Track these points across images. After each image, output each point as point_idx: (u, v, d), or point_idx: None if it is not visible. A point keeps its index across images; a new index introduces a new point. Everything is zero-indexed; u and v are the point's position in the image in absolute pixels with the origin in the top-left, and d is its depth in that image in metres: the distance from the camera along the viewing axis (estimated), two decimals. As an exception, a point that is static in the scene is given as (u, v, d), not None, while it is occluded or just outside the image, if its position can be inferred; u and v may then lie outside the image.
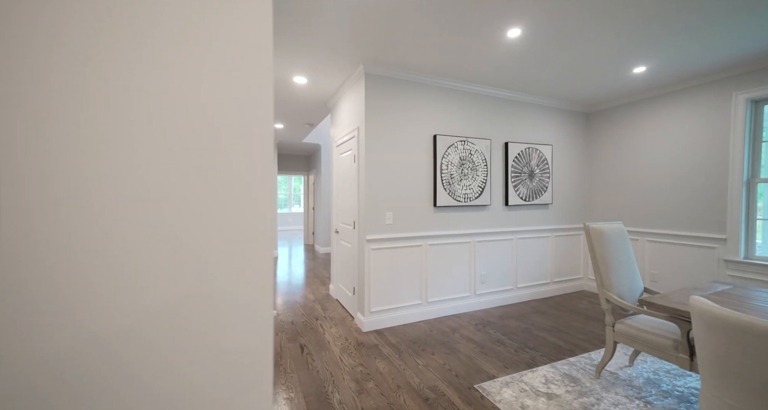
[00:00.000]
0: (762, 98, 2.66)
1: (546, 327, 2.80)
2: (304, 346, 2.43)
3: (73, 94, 0.57)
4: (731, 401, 1.18)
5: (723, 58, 2.57)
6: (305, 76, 2.99)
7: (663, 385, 1.91)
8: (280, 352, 2.33)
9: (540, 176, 3.69)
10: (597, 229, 2.08)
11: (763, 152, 2.72)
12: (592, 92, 3.44)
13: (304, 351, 2.36)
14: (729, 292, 1.77)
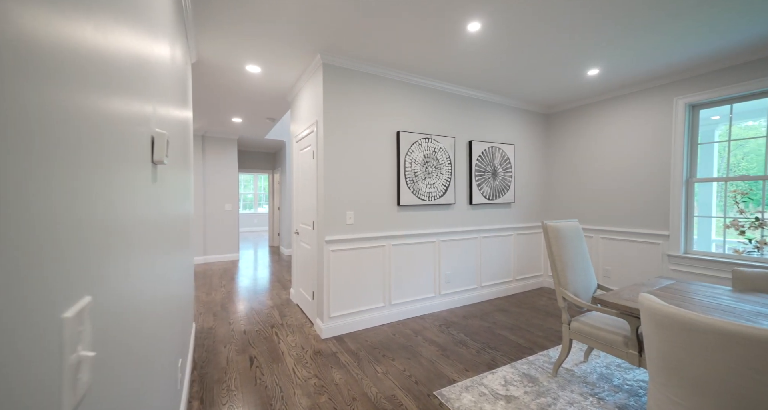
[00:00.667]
0: (699, 103, 2.85)
1: (508, 326, 2.81)
2: (255, 358, 2.23)
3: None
4: (676, 398, 1.18)
5: (665, 64, 2.72)
6: (259, 65, 2.76)
7: (614, 380, 1.94)
8: (225, 367, 2.11)
9: (503, 175, 3.73)
10: (554, 227, 2.08)
11: (699, 154, 2.92)
12: (550, 93, 3.53)
13: (253, 364, 2.15)
14: (672, 287, 1.83)
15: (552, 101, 3.81)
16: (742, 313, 1.41)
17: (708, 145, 3.00)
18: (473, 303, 3.46)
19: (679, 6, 1.91)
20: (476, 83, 3.22)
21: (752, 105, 2.74)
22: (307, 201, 3.05)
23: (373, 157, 2.85)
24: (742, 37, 2.28)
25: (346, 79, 2.69)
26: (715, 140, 2.87)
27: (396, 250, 2.97)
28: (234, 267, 5.22)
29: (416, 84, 3.07)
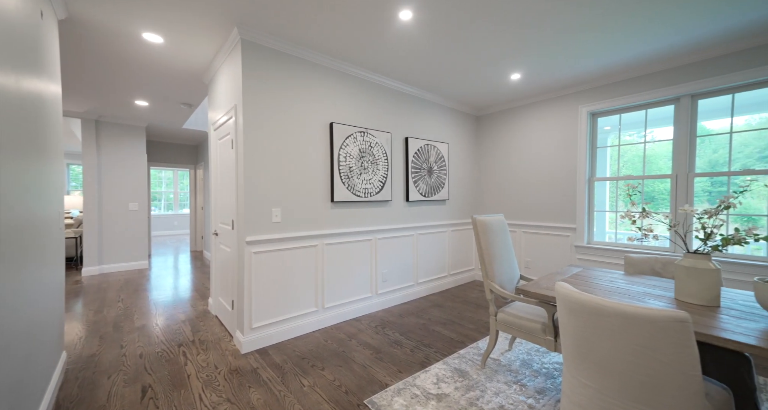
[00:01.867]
0: (597, 111, 3.26)
1: (441, 321, 2.83)
2: (149, 387, 1.82)
3: None
4: (585, 380, 1.24)
5: (572, 74, 3.04)
6: (160, 34, 2.31)
7: (534, 365, 2.06)
8: (104, 405, 1.67)
9: (438, 173, 3.80)
10: (482, 222, 2.13)
11: (598, 156, 3.34)
12: (480, 95, 3.71)
13: (146, 395, 1.76)
14: (580, 274, 2.00)
15: (481, 103, 4.02)
16: (633, 294, 1.58)
17: (603, 149, 3.46)
18: (410, 300, 3.45)
19: (582, 21, 2.11)
20: (413, 79, 3.20)
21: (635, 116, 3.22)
22: (226, 197, 2.67)
23: (304, 150, 2.62)
24: (632, 54, 2.65)
25: (273, 62, 2.41)
26: (608, 145, 3.32)
27: (330, 250, 2.78)
28: (141, 277, 4.42)
29: (352, 74, 2.92)
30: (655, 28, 2.22)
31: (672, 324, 1.02)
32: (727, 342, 1.11)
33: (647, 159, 3.05)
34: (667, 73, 2.75)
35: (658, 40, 2.39)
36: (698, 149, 2.71)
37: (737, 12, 2.03)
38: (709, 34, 2.30)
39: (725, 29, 2.23)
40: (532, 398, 1.71)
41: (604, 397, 1.17)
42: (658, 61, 2.74)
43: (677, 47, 2.49)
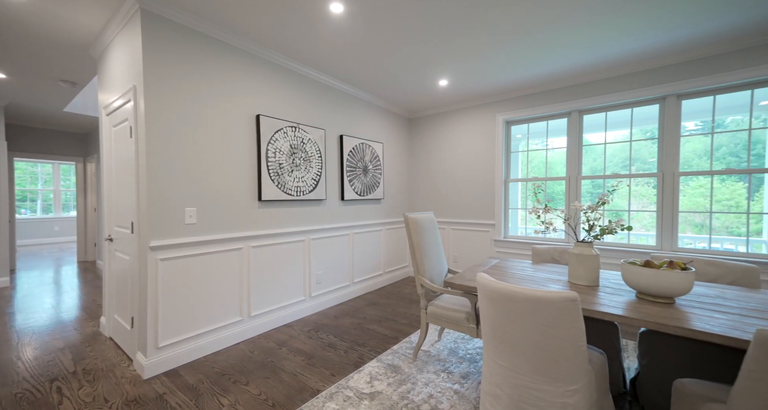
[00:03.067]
0: (511, 120, 3.68)
1: (376, 319, 2.86)
2: (5, 440, 1.41)
3: None
4: (501, 361, 1.37)
5: (490, 85, 3.38)
6: (22, -13, 1.82)
7: (460, 352, 2.21)
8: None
9: (373, 172, 3.83)
10: (414, 219, 2.20)
11: (512, 160, 3.78)
12: (412, 98, 3.86)
13: (-2, 451, 1.36)
14: (497, 265, 2.22)
15: (414, 106, 4.19)
16: (539, 280, 1.81)
17: (516, 154, 3.94)
18: (346, 300, 3.40)
19: (495, 41, 2.35)
20: (348, 77, 3.16)
21: (540, 126, 3.74)
22: (124, 196, 2.24)
23: (226, 143, 2.35)
24: (537, 72, 3.05)
25: (186, 41, 2.10)
26: (519, 150, 3.80)
27: (257, 253, 2.56)
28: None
29: (284, 66, 2.74)
30: (557, 51, 2.59)
31: (566, 304, 1.18)
32: (603, 314, 1.33)
33: (549, 164, 3.55)
34: (564, 91, 3.25)
35: (557, 62, 2.80)
36: (584, 157, 3.27)
37: (629, 40, 2.50)
38: (598, 60, 2.79)
39: (612, 57, 2.73)
40: (457, 383, 1.83)
41: (515, 375, 1.30)
42: (558, 80, 3.22)
43: (572, 70, 2.96)
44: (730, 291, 1.53)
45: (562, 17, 2.10)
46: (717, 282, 1.80)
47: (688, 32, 2.28)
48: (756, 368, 0.86)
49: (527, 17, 2.10)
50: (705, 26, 2.21)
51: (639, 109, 2.95)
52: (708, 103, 2.67)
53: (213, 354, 2.20)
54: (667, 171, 2.76)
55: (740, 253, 2.52)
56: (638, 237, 3.67)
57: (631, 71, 2.85)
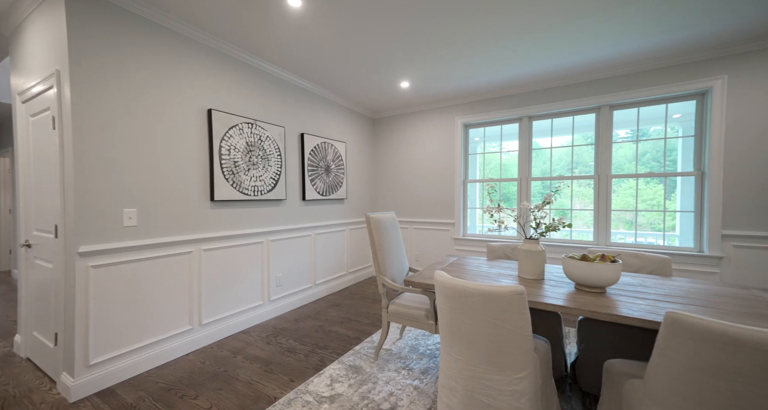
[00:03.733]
0: (469, 123, 3.86)
1: (339, 320, 2.82)
2: None
3: None
4: (456, 355, 1.42)
5: (451, 89, 3.51)
6: None
7: (420, 348, 2.27)
8: None
9: (336, 171, 3.78)
10: (375, 219, 2.21)
11: (470, 162, 3.96)
12: (375, 98, 3.87)
13: None
14: (455, 262, 2.31)
15: (377, 106, 4.21)
16: (492, 276, 1.91)
17: (474, 156, 4.13)
18: (308, 303, 3.32)
19: (451, 48, 2.45)
20: (310, 74, 3.07)
21: (495, 129, 3.97)
22: (46, 195, 1.96)
23: (172, 137, 2.17)
24: (491, 79, 3.22)
25: (123, 24, 1.90)
26: (477, 153, 4.00)
27: (210, 256, 2.40)
28: None
29: (240, 59, 2.59)
30: (509, 62, 2.76)
31: (514, 297, 1.26)
32: (546, 305, 1.45)
33: (503, 166, 3.78)
34: (516, 98, 3.48)
35: (510, 71, 2.98)
36: (535, 160, 3.53)
37: (570, 55, 2.72)
38: (544, 71, 3.01)
39: (556, 69, 2.96)
40: (417, 379, 1.88)
41: (469, 367, 1.37)
42: (511, 87, 3.43)
43: (523, 79, 3.17)
44: (649, 280, 1.75)
45: (506, 32, 2.25)
46: (640, 272, 2.04)
47: (617, 51, 2.57)
48: (665, 345, 0.99)
49: (481, 30, 2.22)
50: (632, 45, 2.49)
51: (579, 117, 3.25)
52: (635, 114, 3.03)
53: (158, 368, 2.02)
54: (602, 173, 3.08)
55: (659, 246, 2.89)
56: (580, 234, 4.04)
57: (572, 83, 3.14)
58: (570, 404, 1.66)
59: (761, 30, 2.25)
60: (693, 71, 2.63)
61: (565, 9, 2.01)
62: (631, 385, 1.17)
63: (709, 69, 2.57)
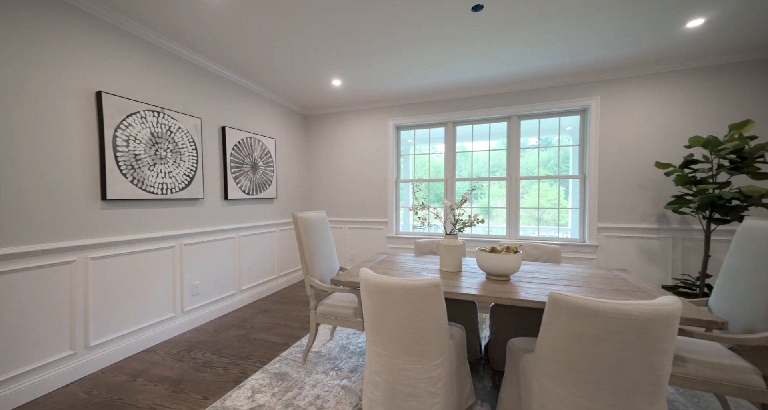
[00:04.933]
0: (400, 125, 4.00)
1: (266, 326, 2.66)
2: None
3: None
4: (379, 350, 1.45)
5: (383, 91, 3.59)
6: None
7: (350, 347, 2.27)
8: None
9: (264, 169, 3.55)
10: (303, 218, 2.14)
11: (403, 162, 4.12)
12: (307, 95, 3.74)
13: None
14: (385, 260, 2.37)
15: (310, 103, 4.08)
16: (417, 270, 2.01)
17: (407, 156, 4.31)
18: (232, 311, 3.04)
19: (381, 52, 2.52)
20: (233, 64, 2.81)
21: (425, 132, 4.19)
22: None
23: (44, 123, 1.77)
24: (425, 83, 3.39)
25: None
26: (409, 153, 4.19)
27: (100, 265, 2.02)
28: None
29: (142, 36, 2.23)
30: (433, 70, 2.93)
31: (431, 289, 1.34)
32: (461, 295, 1.57)
33: (434, 167, 4.01)
34: (443, 103, 3.72)
35: (436, 78, 3.18)
36: (462, 162, 3.82)
37: (486, 68, 2.99)
38: (466, 80, 3.28)
39: (475, 79, 3.24)
40: (345, 379, 1.87)
41: (391, 360, 1.41)
42: (438, 93, 3.66)
43: (448, 86, 3.41)
44: (544, 267, 2.05)
45: (426, 43, 2.40)
46: (538, 260, 2.38)
47: (523, 68, 2.94)
48: (548, 321, 1.16)
49: (407, 38, 2.31)
50: (534, 65, 2.88)
51: (495, 124, 3.64)
52: (541, 124, 3.51)
53: (24, 406, 1.62)
54: (513, 176, 3.50)
55: (555, 238, 3.40)
56: (497, 229, 4.51)
57: (488, 93, 3.49)
58: (482, 383, 1.83)
59: (623, 64, 2.82)
60: (577, 92, 3.16)
61: (479, 29, 2.22)
62: (525, 359, 1.35)
63: (588, 90, 3.12)
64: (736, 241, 1.45)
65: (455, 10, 2.04)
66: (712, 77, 2.74)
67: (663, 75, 2.88)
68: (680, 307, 1.02)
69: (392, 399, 1.40)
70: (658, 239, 2.92)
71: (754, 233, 1.36)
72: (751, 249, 1.35)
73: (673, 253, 2.87)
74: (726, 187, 2.21)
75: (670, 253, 2.88)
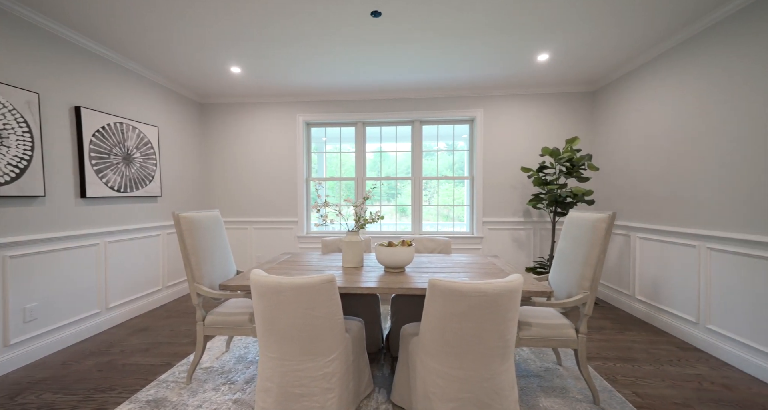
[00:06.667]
0: (311, 122, 3.91)
1: (142, 348, 2.24)
2: None
3: None
4: (271, 353, 1.39)
5: (288, 85, 3.44)
6: None
7: (249, 356, 2.10)
8: None
9: (143, 162, 2.99)
10: (188, 219, 1.88)
11: (313, 160, 4.02)
12: (202, 80, 3.30)
13: None
14: (288, 260, 2.28)
15: (205, 90, 3.61)
16: (320, 268, 1.99)
17: (321, 154, 4.22)
18: (95, 334, 2.47)
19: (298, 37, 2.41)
20: (98, 33, 2.25)
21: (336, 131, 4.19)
22: None
23: None
24: (333, 82, 3.36)
25: None
26: (321, 151, 4.12)
27: None
28: None
29: None
30: (339, 70, 2.94)
31: (324, 286, 1.34)
32: (360, 289, 1.62)
33: (345, 166, 4.03)
34: (353, 103, 3.77)
35: (343, 78, 3.20)
36: (372, 162, 3.94)
37: (391, 73, 3.13)
38: (375, 83, 3.39)
39: (382, 84, 3.38)
40: (240, 391, 1.72)
41: (283, 363, 1.36)
42: (348, 93, 3.69)
43: (358, 87, 3.47)
44: (435, 258, 2.29)
45: (332, 39, 2.41)
46: (434, 252, 2.64)
47: (424, 77, 3.22)
48: (427, 305, 1.30)
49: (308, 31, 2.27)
50: (433, 75, 3.18)
51: (401, 127, 3.88)
52: (442, 130, 3.89)
53: None
54: (416, 176, 3.80)
55: (451, 232, 3.84)
56: (406, 225, 4.83)
57: (395, 98, 3.71)
58: (382, 371, 1.94)
59: (499, 83, 3.36)
60: (467, 103, 3.63)
61: (379, 36, 2.33)
62: (412, 342, 1.48)
63: (475, 103, 3.62)
64: (563, 229, 1.89)
65: (356, 12, 2.09)
66: (555, 101, 3.51)
67: (527, 96, 3.54)
68: (521, 283, 1.28)
69: (284, 403, 1.35)
70: (524, 230, 3.59)
71: (573, 222, 1.80)
72: (571, 234, 1.78)
73: (534, 240, 3.57)
74: (564, 187, 2.87)
75: (532, 241, 3.57)
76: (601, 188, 3.31)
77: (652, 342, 2.28)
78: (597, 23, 2.21)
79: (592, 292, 1.59)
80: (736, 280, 1.96)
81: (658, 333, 2.44)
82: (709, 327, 2.13)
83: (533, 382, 1.79)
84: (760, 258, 1.82)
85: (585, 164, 2.77)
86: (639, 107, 2.79)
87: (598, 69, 2.98)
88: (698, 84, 2.23)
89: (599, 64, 2.86)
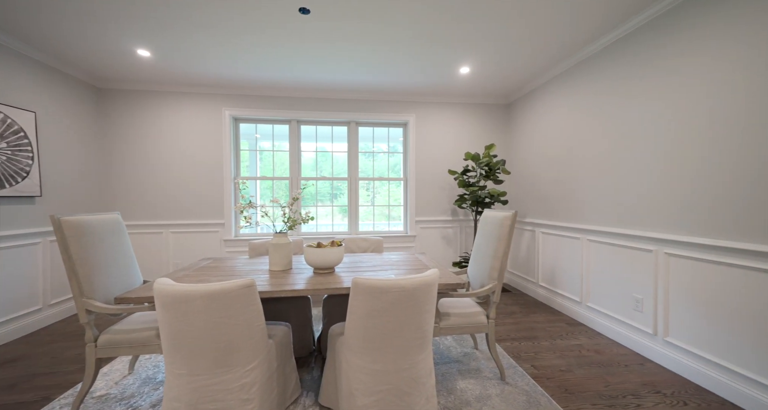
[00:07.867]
0: (239, 117, 3.64)
1: (8, 384, 1.83)
2: None
3: None
4: (179, 370, 1.26)
5: (215, 75, 3.15)
6: None
7: (159, 376, 1.87)
8: None
9: (11, 155, 2.43)
10: (75, 223, 1.59)
11: (241, 158, 3.75)
12: (97, 62, 2.82)
13: None
14: (209, 265, 2.09)
15: (103, 73, 3.09)
16: (245, 273, 1.87)
17: (254, 152, 3.95)
18: (-67, 375, 1.92)
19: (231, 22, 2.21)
20: None
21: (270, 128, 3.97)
22: None
23: None
24: (263, 76, 3.17)
25: None
26: (253, 149, 3.86)
27: None
28: None
29: None
30: (268, 63, 2.80)
31: (242, 291, 1.27)
32: (287, 292, 1.57)
33: (282, 165, 3.85)
34: (286, 100, 3.62)
35: (275, 73, 3.05)
36: (305, 161, 3.83)
37: (328, 72, 3.06)
38: (310, 81, 3.29)
39: (317, 82, 3.30)
40: (143, 416, 1.52)
41: (193, 378, 1.24)
42: (281, 89, 3.53)
43: (292, 83, 3.34)
44: (367, 257, 2.34)
45: (257, 30, 2.30)
46: (366, 251, 2.69)
47: (359, 79, 3.25)
48: (351, 303, 1.32)
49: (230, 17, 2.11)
50: (366, 78, 3.23)
51: (337, 127, 3.86)
52: (378, 132, 3.96)
53: None
54: (353, 177, 3.82)
55: (386, 231, 3.96)
56: (342, 226, 4.81)
57: (331, 97, 3.67)
58: (311, 374, 1.91)
59: (429, 91, 3.58)
60: (401, 108, 3.78)
61: (309, 33, 2.29)
62: (339, 341, 1.49)
63: (408, 108, 3.79)
64: (479, 226, 2.10)
65: (283, 6, 2.02)
66: (477, 111, 3.88)
67: (453, 104, 3.84)
68: (438, 277, 1.39)
69: (196, 422, 1.24)
70: (452, 228, 3.89)
71: (486, 220, 2.01)
72: (485, 231, 1.99)
73: (460, 237, 3.89)
74: (483, 189, 3.19)
75: (459, 237, 3.89)
76: (514, 190, 3.77)
77: (550, 322, 2.68)
78: (506, 43, 2.51)
79: (500, 281, 1.81)
80: (606, 265, 2.42)
81: (555, 313, 2.87)
82: (588, 304, 2.59)
83: (453, 367, 1.95)
84: (622, 247, 2.29)
85: (500, 168, 3.12)
86: (540, 119, 3.25)
87: (510, 83, 3.39)
88: (586, 100, 2.70)
89: (511, 79, 3.25)
